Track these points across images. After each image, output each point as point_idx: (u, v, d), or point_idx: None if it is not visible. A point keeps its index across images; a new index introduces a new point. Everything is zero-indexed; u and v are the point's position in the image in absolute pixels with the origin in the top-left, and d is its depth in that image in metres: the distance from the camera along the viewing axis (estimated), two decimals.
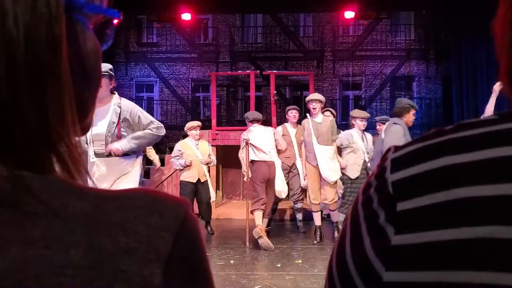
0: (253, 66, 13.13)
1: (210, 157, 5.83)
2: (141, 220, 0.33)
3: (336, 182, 5.19)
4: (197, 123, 5.96)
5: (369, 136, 5.66)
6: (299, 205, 6.06)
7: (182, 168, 5.63)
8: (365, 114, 5.66)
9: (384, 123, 6.37)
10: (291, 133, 5.86)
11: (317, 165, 5.07)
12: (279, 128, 6.01)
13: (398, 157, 0.39)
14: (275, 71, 10.75)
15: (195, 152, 5.70)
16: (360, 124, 5.44)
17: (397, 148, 0.40)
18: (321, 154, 5.04)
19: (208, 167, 5.91)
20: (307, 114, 5.34)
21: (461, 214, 0.33)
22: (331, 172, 5.03)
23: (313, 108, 5.16)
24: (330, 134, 5.14)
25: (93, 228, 0.31)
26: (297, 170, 5.76)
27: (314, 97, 5.25)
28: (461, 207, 0.33)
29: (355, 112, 5.66)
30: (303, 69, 13.40)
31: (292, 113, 5.98)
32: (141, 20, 13.75)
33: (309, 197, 5.30)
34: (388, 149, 0.41)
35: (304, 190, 5.80)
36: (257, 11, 12.04)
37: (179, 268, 0.33)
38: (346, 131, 5.56)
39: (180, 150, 5.73)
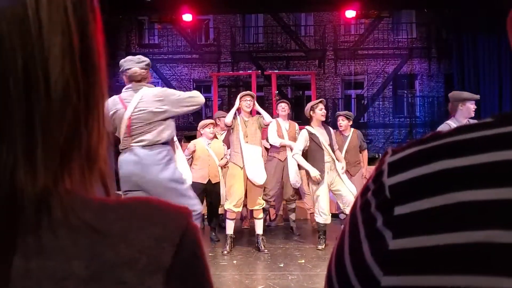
0: (255, 66, 13.13)
1: (226, 157, 5.36)
2: (143, 231, 0.33)
3: (263, 184, 4.77)
4: (209, 120, 5.61)
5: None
6: (292, 205, 5.84)
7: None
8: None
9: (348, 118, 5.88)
10: (282, 127, 5.56)
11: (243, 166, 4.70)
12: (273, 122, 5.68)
13: (395, 161, 0.39)
14: (277, 71, 10.75)
15: (206, 152, 5.33)
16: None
17: (394, 151, 0.40)
18: (248, 154, 4.70)
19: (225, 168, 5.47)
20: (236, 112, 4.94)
21: (458, 218, 0.33)
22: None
23: (248, 106, 4.84)
24: (260, 134, 4.84)
25: (96, 239, 0.31)
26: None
27: (248, 93, 4.89)
28: (459, 211, 0.33)
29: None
30: (304, 69, 13.39)
31: (281, 106, 5.65)
32: (142, 21, 13.77)
33: (231, 202, 4.76)
34: (386, 152, 0.41)
35: (295, 189, 5.62)
36: (258, 11, 12.04)
37: (180, 278, 0.33)
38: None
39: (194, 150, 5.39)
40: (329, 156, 4.85)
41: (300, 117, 12.16)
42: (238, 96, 4.91)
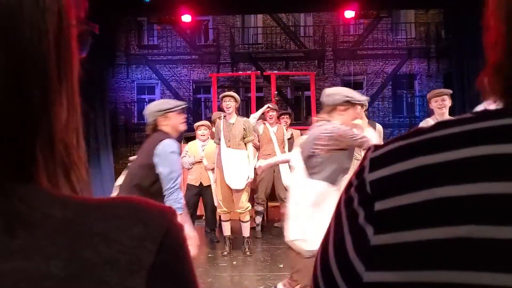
0: (254, 66, 13.12)
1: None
2: (123, 230, 0.32)
3: (244, 189, 4.70)
4: (202, 122, 5.58)
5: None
6: None
7: (190, 167, 5.25)
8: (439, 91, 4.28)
9: None
10: (270, 131, 5.67)
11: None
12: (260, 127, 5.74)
13: (376, 157, 0.39)
14: (276, 72, 10.75)
15: (199, 154, 5.30)
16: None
17: (376, 147, 0.40)
18: (228, 158, 4.64)
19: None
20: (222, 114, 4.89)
21: (438, 214, 0.33)
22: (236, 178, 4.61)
23: (227, 108, 4.72)
24: (242, 137, 4.69)
25: (75, 238, 0.31)
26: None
27: (228, 94, 4.78)
28: (439, 206, 0.33)
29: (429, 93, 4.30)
30: (304, 69, 13.39)
31: (269, 115, 5.75)
32: (142, 22, 13.77)
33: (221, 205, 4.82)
34: (369, 148, 0.41)
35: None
36: (257, 12, 12.05)
37: (162, 278, 0.32)
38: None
39: (187, 151, 5.40)
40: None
41: (299, 118, 12.18)
42: (220, 97, 4.85)
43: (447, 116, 4.07)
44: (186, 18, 8.12)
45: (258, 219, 5.91)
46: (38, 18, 0.32)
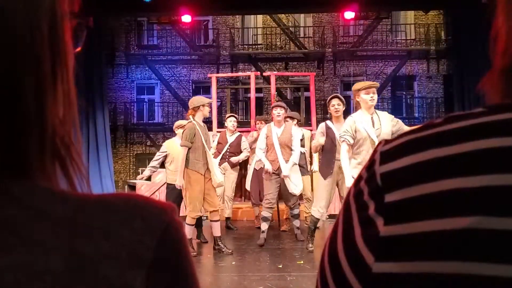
0: (254, 67, 13.13)
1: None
2: (123, 225, 0.32)
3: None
4: (180, 121, 5.46)
5: (384, 116, 3.95)
6: (295, 211, 5.37)
7: (154, 170, 5.26)
8: (370, 83, 4.02)
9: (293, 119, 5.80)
10: (273, 134, 5.27)
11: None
12: (263, 129, 5.48)
13: (387, 150, 0.40)
14: (275, 72, 10.76)
15: (180, 153, 5.03)
16: (366, 98, 3.84)
17: (387, 141, 0.41)
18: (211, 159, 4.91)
19: None
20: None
21: (446, 205, 0.34)
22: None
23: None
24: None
25: (75, 233, 0.31)
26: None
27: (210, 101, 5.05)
28: (447, 198, 0.34)
29: (358, 84, 4.03)
30: (303, 70, 13.40)
31: (277, 111, 5.30)
32: (142, 22, 13.78)
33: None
34: (379, 143, 0.41)
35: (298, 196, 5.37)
36: (257, 12, 12.05)
37: (161, 273, 0.33)
38: (347, 119, 4.26)
39: (165, 151, 5.30)
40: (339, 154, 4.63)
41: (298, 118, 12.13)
42: (205, 103, 4.80)
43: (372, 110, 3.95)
44: (186, 18, 8.12)
45: (264, 226, 5.28)
46: (31, 15, 0.32)
